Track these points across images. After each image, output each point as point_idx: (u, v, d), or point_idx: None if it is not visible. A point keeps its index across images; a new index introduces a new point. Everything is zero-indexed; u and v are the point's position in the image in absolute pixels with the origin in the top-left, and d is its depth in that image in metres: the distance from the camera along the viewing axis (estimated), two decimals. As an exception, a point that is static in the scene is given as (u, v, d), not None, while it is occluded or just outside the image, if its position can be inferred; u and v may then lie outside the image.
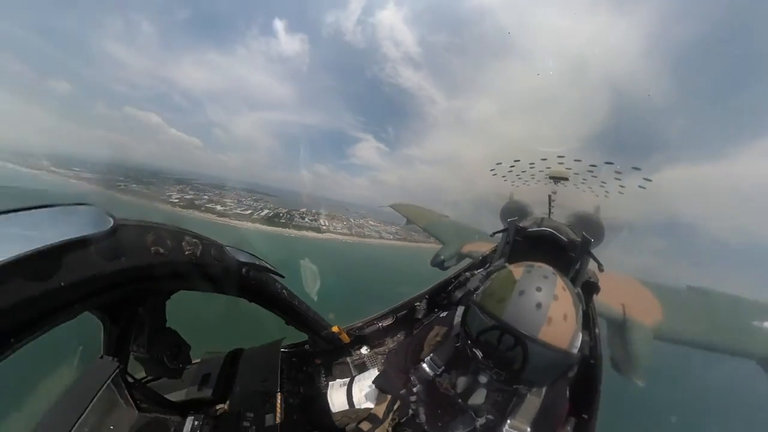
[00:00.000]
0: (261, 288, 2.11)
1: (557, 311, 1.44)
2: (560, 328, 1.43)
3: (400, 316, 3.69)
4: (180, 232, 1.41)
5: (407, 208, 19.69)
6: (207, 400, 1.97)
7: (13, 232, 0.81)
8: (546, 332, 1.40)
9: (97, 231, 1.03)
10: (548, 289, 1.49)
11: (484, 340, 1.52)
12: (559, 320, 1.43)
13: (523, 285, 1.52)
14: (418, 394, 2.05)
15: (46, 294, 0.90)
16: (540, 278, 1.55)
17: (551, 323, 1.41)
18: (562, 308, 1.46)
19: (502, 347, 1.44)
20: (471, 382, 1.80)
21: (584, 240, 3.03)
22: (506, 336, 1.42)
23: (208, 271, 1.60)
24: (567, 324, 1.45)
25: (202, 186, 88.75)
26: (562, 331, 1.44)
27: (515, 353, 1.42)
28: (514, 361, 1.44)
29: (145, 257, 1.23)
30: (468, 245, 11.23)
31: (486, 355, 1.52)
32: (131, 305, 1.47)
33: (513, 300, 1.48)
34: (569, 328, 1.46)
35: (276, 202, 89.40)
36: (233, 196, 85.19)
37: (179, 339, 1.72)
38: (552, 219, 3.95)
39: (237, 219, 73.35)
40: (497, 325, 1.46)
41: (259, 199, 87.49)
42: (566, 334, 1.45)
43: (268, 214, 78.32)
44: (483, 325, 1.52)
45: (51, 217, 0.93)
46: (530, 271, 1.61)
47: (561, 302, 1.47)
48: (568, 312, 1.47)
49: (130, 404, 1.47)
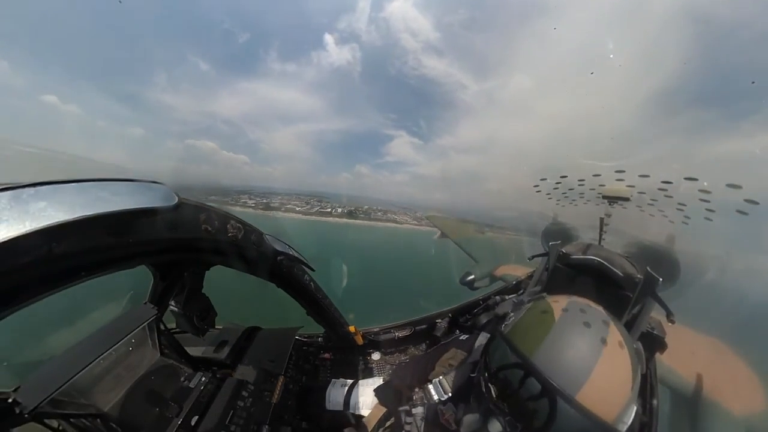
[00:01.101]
0: (290, 276, 2.31)
1: (607, 370, 1.14)
2: (607, 393, 1.13)
3: (418, 330, 3.61)
4: (227, 216, 1.65)
5: (443, 221, 18.68)
6: (218, 362, 2.24)
7: (102, 195, 1.07)
8: (587, 394, 1.10)
9: (164, 204, 1.28)
10: (598, 337, 1.21)
11: (503, 377, 1.28)
12: (607, 382, 1.14)
13: (565, 325, 1.26)
14: (416, 416, 1.84)
15: (117, 245, 1.16)
16: (588, 317, 1.28)
17: (596, 384, 1.11)
18: (614, 367, 1.16)
19: (524, 393, 1.18)
20: (479, 426, 1.48)
21: (648, 277, 2.35)
22: (531, 380, 1.17)
23: (245, 253, 1.83)
24: (617, 389, 1.15)
25: (263, 193, 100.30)
26: (609, 399, 1.13)
27: (539, 406, 1.15)
28: (536, 416, 1.16)
29: (196, 232, 1.48)
30: (502, 267, 9.62)
31: (502, 396, 1.28)
32: (178, 268, 1.77)
33: (549, 341, 1.22)
34: (620, 395, 1.14)
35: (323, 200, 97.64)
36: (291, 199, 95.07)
37: (209, 305, 1.99)
38: (603, 247, 3.33)
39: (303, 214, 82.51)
40: (521, 364, 1.21)
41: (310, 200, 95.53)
42: (614, 403, 1.13)
43: (318, 209, 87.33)
44: (505, 359, 1.28)
45: (132, 189, 1.18)
46: (577, 309, 1.33)
47: (614, 359, 1.17)
48: (621, 374, 1.16)
49: (156, 347, 1.76)
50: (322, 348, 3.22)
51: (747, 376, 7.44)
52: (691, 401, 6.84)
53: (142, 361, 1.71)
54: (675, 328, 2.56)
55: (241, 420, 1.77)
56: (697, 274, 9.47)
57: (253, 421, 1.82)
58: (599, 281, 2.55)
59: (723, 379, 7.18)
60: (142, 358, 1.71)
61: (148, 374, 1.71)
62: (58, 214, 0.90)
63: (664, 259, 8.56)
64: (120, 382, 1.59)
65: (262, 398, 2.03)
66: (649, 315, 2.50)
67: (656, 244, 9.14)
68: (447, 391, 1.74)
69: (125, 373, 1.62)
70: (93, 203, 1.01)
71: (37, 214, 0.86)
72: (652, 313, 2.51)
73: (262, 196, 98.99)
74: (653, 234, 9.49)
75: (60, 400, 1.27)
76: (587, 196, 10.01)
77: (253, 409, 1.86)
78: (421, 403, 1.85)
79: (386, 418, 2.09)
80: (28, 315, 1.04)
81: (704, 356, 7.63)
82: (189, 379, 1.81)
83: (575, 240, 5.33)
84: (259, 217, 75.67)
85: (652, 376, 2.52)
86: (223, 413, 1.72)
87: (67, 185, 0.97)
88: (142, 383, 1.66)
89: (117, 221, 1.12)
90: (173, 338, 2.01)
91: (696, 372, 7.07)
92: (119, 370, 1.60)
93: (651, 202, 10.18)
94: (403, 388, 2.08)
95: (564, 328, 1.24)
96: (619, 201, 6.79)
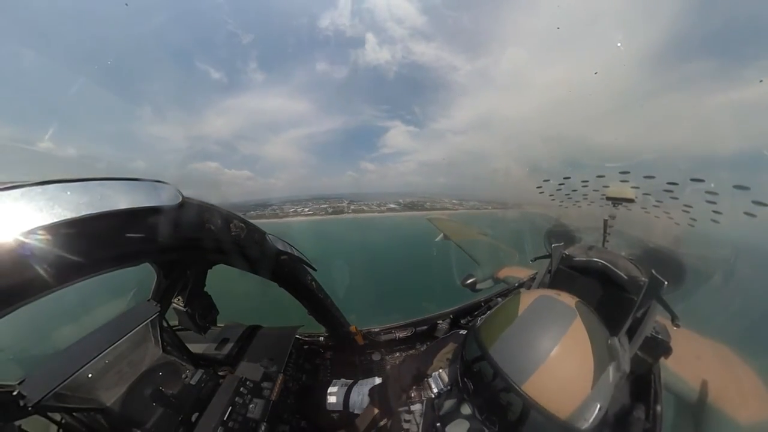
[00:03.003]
0: (292, 276, 2.33)
1: (561, 363, 1.12)
2: (559, 386, 1.10)
3: (419, 331, 3.62)
4: (231, 216, 1.67)
5: (444, 223, 18.42)
6: (219, 360, 2.26)
7: (108, 194, 1.09)
8: (534, 385, 1.09)
9: (168, 203, 1.30)
10: (557, 327, 1.19)
11: (476, 370, 1.28)
12: (560, 374, 1.11)
13: (526, 316, 1.26)
14: (415, 413, 1.83)
15: (121, 242, 1.18)
16: (550, 311, 1.27)
17: (545, 375, 1.10)
18: (570, 360, 1.14)
19: (496, 386, 1.18)
20: (454, 408, 1.54)
21: (652, 280, 2.27)
22: (489, 370, 1.19)
23: (247, 252, 1.85)
24: (571, 382, 1.11)
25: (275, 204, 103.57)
26: (561, 392, 1.10)
27: (510, 399, 1.15)
28: (496, 405, 1.18)
29: (199, 231, 1.50)
30: (505, 269, 9.54)
31: (477, 391, 1.29)
32: (182, 266, 1.80)
33: (507, 332, 1.23)
34: (575, 389, 1.11)
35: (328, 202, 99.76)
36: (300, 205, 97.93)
37: (212, 303, 2.02)
38: (606, 249, 3.33)
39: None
40: (481, 355, 1.23)
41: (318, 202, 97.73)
42: (567, 397, 1.10)
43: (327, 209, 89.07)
44: (474, 353, 1.31)
45: (137, 188, 1.20)
46: (544, 302, 1.32)
47: (571, 351, 1.15)
48: (578, 367, 1.13)
49: (158, 343, 1.78)
50: (322, 348, 3.23)
51: (754, 384, 7.24)
52: (695, 408, 6.53)
53: (145, 357, 1.74)
54: (680, 332, 2.42)
55: (240, 417, 1.79)
56: (704, 278, 8.41)
57: (251, 419, 1.84)
58: (602, 284, 2.43)
59: (729, 386, 6.68)
60: (145, 354, 1.74)
61: (151, 370, 1.73)
62: (65, 211, 0.92)
63: (670, 261, 7.25)
64: (122, 377, 1.62)
65: (261, 396, 2.04)
66: (653, 319, 2.39)
67: (661, 246, 7.79)
68: (446, 385, 1.73)
69: (128, 369, 1.65)
70: (99, 201, 1.04)
71: (46, 212, 0.89)
72: (657, 317, 2.41)
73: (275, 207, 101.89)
74: (658, 236, 8.82)
75: (63, 394, 1.30)
76: (591, 198, 9.86)
77: (251, 407, 1.88)
78: (420, 399, 1.84)
79: (380, 418, 2.04)
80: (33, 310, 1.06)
81: (710, 362, 7.06)
82: (190, 376, 1.83)
83: (578, 242, 5.26)
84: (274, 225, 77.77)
85: (657, 382, 2.44)
86: (222, 410, 1.74)
87: (74, 184, 0.99)
88: (144, 379, 1.68)
89: (122, 219, 1.14)
90: (175, 335, 2.03)
91: (701, 378, 6.94)
92: (122, 366, 1.62)
93: (656, 204, 10.05)
94: (397, 389, 2.04)
95: (524, 321, 1.25)
96: (623, 202, 6.64)
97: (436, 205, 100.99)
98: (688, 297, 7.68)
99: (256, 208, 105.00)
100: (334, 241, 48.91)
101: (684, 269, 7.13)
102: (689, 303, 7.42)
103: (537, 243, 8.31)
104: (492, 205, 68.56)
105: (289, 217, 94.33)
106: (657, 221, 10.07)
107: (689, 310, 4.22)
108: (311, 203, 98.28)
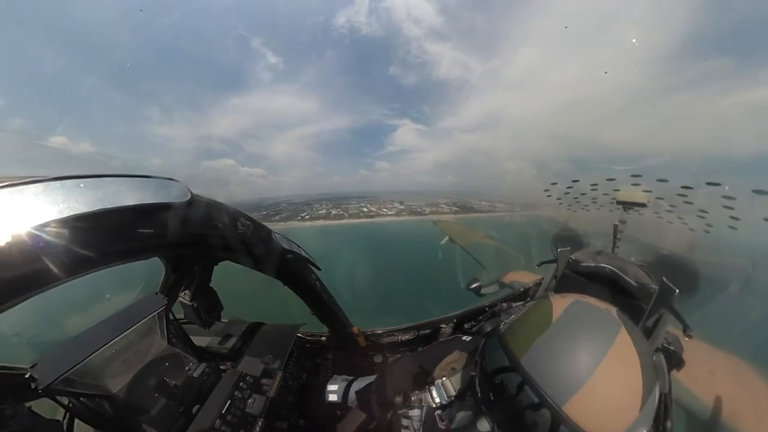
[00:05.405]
0: (297, 275, 2.37)
1: (608, 381, 0.96)
2: (605, 407, 0.95)
3: (421, 334, 3.61)
4: (237, 213, 1.71)
5: (450, 226, 18.13)
6: (222, 354, 2.32)
7: (120, 189, 1.14)
8: (577, 406, 0.94)
9: (178, 200, 1.35)
10: (602, 341, 1.03)
11: (499, 381, 1.16)
12: (606, 394, 0.95)
13: (563, 323, 1.10)
14: (413, 419, 1.69)
15: (132, 237, 1.23)
16: (592, 319, 1.11)
17: (590, 395, 0.95)
18: (618, 378, 0.98)
19: (523, 401, 1.05)
20: (469, 422, 1.39)
21: (663, 287, 2.17)
22: (519, 383, 1.06)
23: (253, 250, 1.89)
24: (618, 404, 0.96)
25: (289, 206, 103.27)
26: (607, 414, 0.95)
27: (539, 418, 1.01)
28: (524, 424, 1.05)
29: (207, 227, 1.55)
30: (510, 274, 9.23)
31: (499, 405, 1.16)
32: (189, 261, 1.85)
33: (542, 341, 1.07)
34: (621, 412, 0.95)
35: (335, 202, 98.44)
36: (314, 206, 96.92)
37: (217, 299, 2.07)
38: (615, 254, 3.11)
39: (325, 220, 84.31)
40: (509, 366, 1.10)
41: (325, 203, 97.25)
42: (613, 421, 0.95)
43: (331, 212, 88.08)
44: (499, 362, 1.18)
45: (148, 184, 1.26)
46: (581, 308, 1.16)
47: (619, 368, 0.99)
48: (626, 387, 0.97)
49: (163, 336, 1.84)
50: (324, 347, 3.26)
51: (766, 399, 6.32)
52: (708, 426, 5.72)
53: (151, 348, 1.79)
54: (694, 345, 2.38)
55: (239, 411, 1.82)
56: (719, 287, 8.33)
57: (249, 413, 1.87)
58: (610, 290, 2.38)
59: (745, 405, 5.96)
60: (151, 345, 1.79)
61: (155, 361, 1.79)
62: (80, 206, 0.97)
63: (683, 269, 7.37)
64: (128, 366, 1.68)
65: (261, 391, 2.07)
66: (665, 329, 2.33)
67: (674, 253, 7.88)
68: (450, 395, 1.59)
69: (134, 359, 1.71)
70: (112, 197, 1.09)
71: (63, 205, 0.94)
72: (669, 327, 2.34)
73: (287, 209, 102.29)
74: (671, 242, 8.62)
75: (72, 379, 1.35)
76: (600, 201, 9.55)
77: (250, 401, 1.91)
78: (419, 405, 1.68)
79: (367, 422, 1.95)
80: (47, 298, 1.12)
81: (725, 377, 6.46)
82: (193, 369, 1.89)
83: (587, 247, 5.13)
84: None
85: (667, 396, 2.30)
86: (221, 403, 1.78)
87: (88, 179, 1.04)
88: (149, 369, 1.74)
89: (133, 214, 1.19)
90: (181, 328, 2.10)
91: (715, 394, 5.90)
92: (128, 356, 1.68)
93: (669, 209, 9.64)
94: (390, 391, 1.87)
95: (561, 329, 1.09)
96: (634, 207, 6.31)
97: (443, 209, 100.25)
98: (703, 307, 6.73)
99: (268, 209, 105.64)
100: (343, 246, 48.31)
101: (698, 277, 6.98)
102: (703, 313, 6.50)
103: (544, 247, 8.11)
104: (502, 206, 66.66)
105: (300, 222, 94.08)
106: (670, 227, 9.64)
107: (703, 321, 4.04)
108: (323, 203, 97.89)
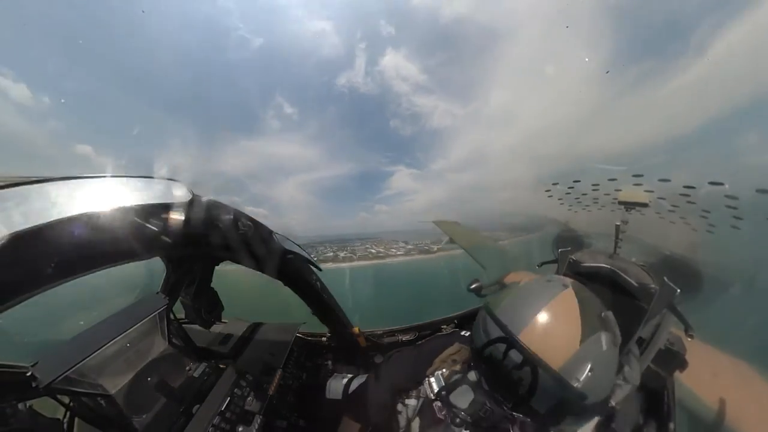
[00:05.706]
0: (298, 275, 2.36)
1: (553, 316, 1.23)
2: (550, 336, 1.20)
3: (422, 335, 3.54)
4: (239, 213, 1.71)
5: (450, 227, 18.00)
6: (222, 353, 2.31)
7: (124, 189, 1.15)
8: (529, 332, 1.21)
9: (179, 200, 1.35)
10: (549, 292, 1.31)
11: (485, 331, 1.37)
12: (549, 328, 1.21)
13: (526, 286, 1.42)
14: (408, 407, 1.76)
15: (133, 236, 1.23)
16: (547, 282, 1.40)
17: (536, 328, 1.21)
18: (558, 316, 1.24)
19: (500, 345, 1.27)
20: (460, 376, 1.61)
21: (664, 287, 2.20)
22: (514, 351, 1.23)
23: (253, 250, 1.88)
24: (561, 334, 1.20)
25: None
26: (552, 341, 1.19)
27: (523, 373, 1.21)
28: (521, 384, 1.22)
29: (207, 227, 1.54)
30: (511, 275, 9.13)
31: (481, 353, 1.36)
32: (190, 261, 1.85)
33: (509, 298, 1.38)
34: (564, 341, 1.18)
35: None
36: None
37: (217, 299, 2.07)
38: (616, 255, 3.18)
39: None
40: (487, 317, 1.36)
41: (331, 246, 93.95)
42: (557, 348, 1.18)
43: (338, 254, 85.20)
44: (483, 320, 1.41)
45: (149, 184, 1.26)
46: (541, 277, 1.48)
47: (559, 310, 1.25)
48: (565, 323, 1.22)
49: (164, 335, 1.84)
50: (324, 347, 3.26)
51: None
52: (711, 429, 5.61)
53: (152, 347, 1.79)
54: (697, 346, 2.43)
55: (238, 408, 1.82)
56: (722, 287, 8.68)
57: (248, 411, 1.87)
58: (612, 291, 2.40)
59: (749, 407, 5.44)
60: (152, 345, 1.79)
61: (156, 361, 1.79)
62: (81, 205, 0.98)
63: (685, 269, 7.45)
64: (129, 366, 1.68)
65: (260, 390, 2.07)
66: (668, 329, 2.38)
67: (676, 253, 8.14)
68: (450, 384, 1.65)
69: (134, 358, 1.71)
70: (114, 196, 1.09)
71: (64, 205, 0.94)
72: (672, 328, 2.39)
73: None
74: (674, 242, 8.97)
75: (73, 378, 1.35)
76: (602, 202, 9.49)
77: (249, 399, 1.92)
78: (417, 396, 1.76)
79: (368, 416, 1.90)
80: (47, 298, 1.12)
81: (728, 379, 6.11)
82: (194, 369, 1.89)
83: (588, 248, 5.04)
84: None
85: (670, 398, 2.31)
86: (220, 401, 1.78)
87: (90, 180, 1.05)
88: (149, 369, 1.74)
89: (135, 214, 1.19)
90: (182, 328, 2.09)
91: (719, 396, 5.84)
92: (129, 355, 1.68)
93: (672, 209, 9.55)
94: (385, 393, 1.88)
95: (523, 288, 1.42)
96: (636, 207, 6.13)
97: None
98: (705, 308, 6.89)
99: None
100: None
101: (700, 277, 7.31)
102: (706, 314, 6.66)
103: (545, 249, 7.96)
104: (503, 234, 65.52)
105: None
106: (673, 227, 9.44)
107: (706, 322, 3.96)
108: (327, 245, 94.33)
